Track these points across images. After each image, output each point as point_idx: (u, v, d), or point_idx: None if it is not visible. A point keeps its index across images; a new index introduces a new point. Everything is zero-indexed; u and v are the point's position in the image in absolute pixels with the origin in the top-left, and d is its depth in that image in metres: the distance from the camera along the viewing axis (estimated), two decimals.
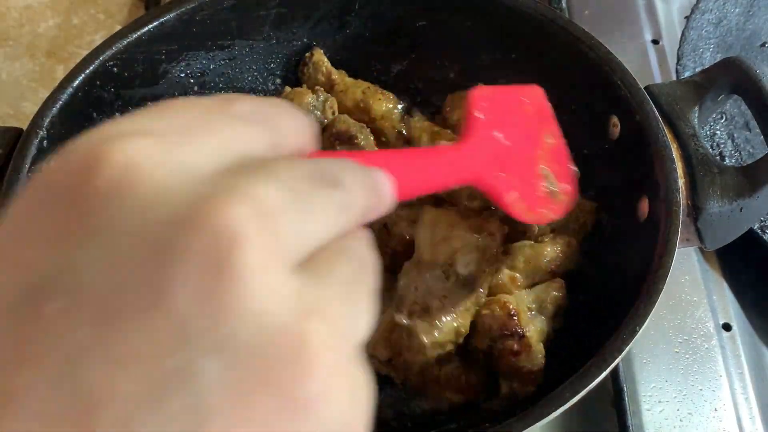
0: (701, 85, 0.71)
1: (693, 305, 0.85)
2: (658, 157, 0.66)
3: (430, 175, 0.44)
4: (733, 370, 0.81)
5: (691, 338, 0.83)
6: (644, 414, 0.77)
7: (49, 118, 0.70)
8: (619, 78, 0.71)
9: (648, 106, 0.68)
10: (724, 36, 1.02)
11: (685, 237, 0.66)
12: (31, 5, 1.17)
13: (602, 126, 0.74)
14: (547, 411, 0.55)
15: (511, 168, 0.56)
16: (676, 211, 0.63)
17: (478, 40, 0.83)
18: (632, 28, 1.08)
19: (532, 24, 0.77)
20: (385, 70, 0.88)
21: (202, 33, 0.80)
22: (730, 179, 0.66)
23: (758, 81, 0.66)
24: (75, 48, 1.13)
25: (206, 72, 0.84)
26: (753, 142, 0.94)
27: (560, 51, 0.76)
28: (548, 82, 0.81)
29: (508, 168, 0.55)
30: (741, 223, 0.69)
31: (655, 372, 0.80)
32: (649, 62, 1.04)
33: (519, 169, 0.57)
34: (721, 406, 0.78)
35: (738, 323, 0.85)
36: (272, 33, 0.84)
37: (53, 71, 1.11)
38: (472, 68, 0.85)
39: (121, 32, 0.76)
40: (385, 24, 0.85)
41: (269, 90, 0.87)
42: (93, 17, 1.17)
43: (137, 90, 0.79)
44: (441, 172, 0.46)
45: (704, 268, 0.88)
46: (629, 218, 0.69)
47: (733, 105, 0.96)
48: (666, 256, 0.61)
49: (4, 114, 1.06)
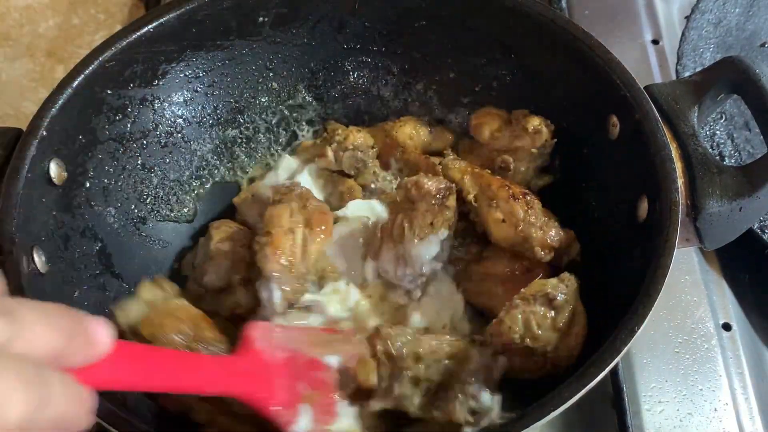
0: (701, 85, 0.71)
1: (693, 305, 0.85)
2: (657, 156, 0.66)
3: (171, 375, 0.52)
4: (733, 370, 0.81)
5: (691, 338, 0.83)
6: (644, 414, 0.77)
7: (49, 118, 0.70)
8: (618, 78, 0.71)
9: (647, 106, 0.68)
10: (724, 36, 1.02)
11: (684, 237, 0.66)
12: (31, 5, 1.17)
13: (602, 126, 0.74)
14: (547, 411, 0.55)
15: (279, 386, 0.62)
16: (675, 210, 0.63)
17: (478, 40, 0.83)
18: (632, 28, 1.08)
19: (532, 24, 0.77)
20: (386, 70, 0.88)
21: (202, 33, 0.80)
22: (730, 179, 0.66)
23: (758, 80, 0.66)
24: (75, 48, 1.13)
25: (206, 72, 0.84)
26: (753, 142, 0.94)
27: (560, 51, 0.76)
28: (548, 81, 0.81)
29: (273, 386, 0.61)
30: (740, 222, 0.68)
31: (655, 372, 0.80)
32: (649, 62, 1.04)
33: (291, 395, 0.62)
34: (721, 406, 0.78)
35: (738, 323, 0.85)
36: (272, 33, 0.84)
37: (53, 71, 1.11)
38: (472, 68, 0.85)
39: (121, 32, 0.76)
40: (385, 24, 0.86)
41: (270, 89, 0.88)
42: (93, 17, 1.17)
43: (137, 90, 0.79)
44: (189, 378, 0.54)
45: (704, 268, 0.88)
46: (629, 218, 0.69)
47: (733, 105, 0.96)
48: (665, 256, 0.61)
49: (4, 114, 1.06)
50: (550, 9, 0.79)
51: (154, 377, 0.50)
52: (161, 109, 0.82)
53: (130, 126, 0.79)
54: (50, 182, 0.70)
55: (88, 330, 0.38)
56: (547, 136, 0.78)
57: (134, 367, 0.47)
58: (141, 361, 0.49)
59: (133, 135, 0.80)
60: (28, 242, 0.66)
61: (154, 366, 0.50)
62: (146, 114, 0.81)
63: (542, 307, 0.65)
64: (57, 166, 0.71)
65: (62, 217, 0.72)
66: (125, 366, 0.45)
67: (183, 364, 0.55)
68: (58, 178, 0.71)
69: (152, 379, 0.50)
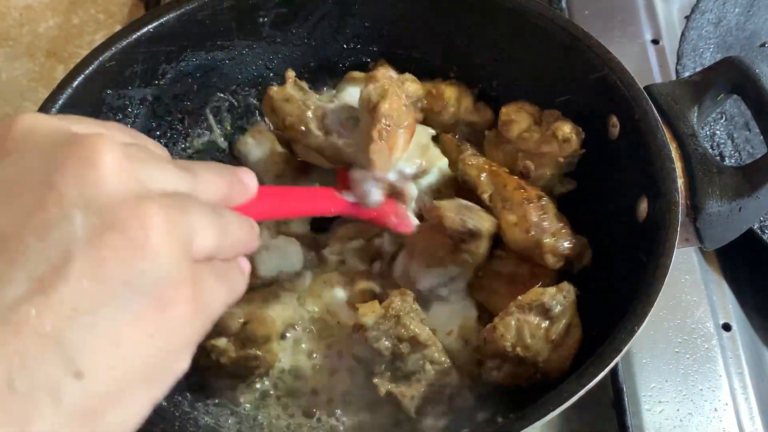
0: (700, 85, 0.71)
1: (693, 305, 0.85)
2: (657, 156, 0.66)
3: (302, 198, 0.70)
4: (733, 370, 0.81)
5: (691, 338, 0.82)
6: (644, 414, 0.77)
7: None
8: (618, 78, 0.71)
9: (647, 106, 0.68)
10: (724, 36, 1.02)
11: (684, 237, 0.66)
12: (31, 5, 1.17)
13: (602, 126, 0.74)
14: (546, 411, 0.55)
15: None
16: (675, 210, 0.63)
17: (478, 39, 0.83)
18: (632, 28, 1.08)
19: (532, 24, 0.77)
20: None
21: (202, 33, 0.81)
22: (729, 179, 0.66)
23: (758, 80, 0.66)
24: (75, 48, 1.13)
25: (206, 72, 0.84)
26: (753, 142, 0.94)
27: (560, 51, 0.76)
28: (548, 81, 0.81)
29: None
30: (740, 222, 0.68)
31: (655, 372, 0.80)
32: (649, 62, 1.04)
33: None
34: (721, 406, 0.78)
35: (738, 323, 0.85)
36: (272, 33, 0.84)
37: (53, 71, 1.11)
38: (472, 68, 0.85)
39: (121, 32, 0.76)
40: (385, 24, 0.86)
41: None
42: (93, 17, 1.17)
43: (137, 90, 0.79)
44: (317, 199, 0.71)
45: (704, 268, 0.88)
46: (628, 218, 0.69)
47: (733, 105, 0.96)
48: (665, 256, 0.61)
49: (4, 114, 1.06)
50: (550, 9, 0.79)
51: (288, 206, 0.65)
52: (161, 108, 0.82)
53: (130, 126, 0.79)
54: None
55: (242, 179, 0.48)
56: (576, 145, 0.74)
57: (274, 201, 0.62)
58: (278, 197, 0.64)
59: None
60: None
61: (287, 199, 0.65)
62: (146, 114, 0.81)
63: (537, 317, 0.65)
64: None
65: None
66: (268, 201, 0.59)
67: (307, 195, 0.71)
68: None
69: (286, 208, 0.65)
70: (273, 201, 0.62)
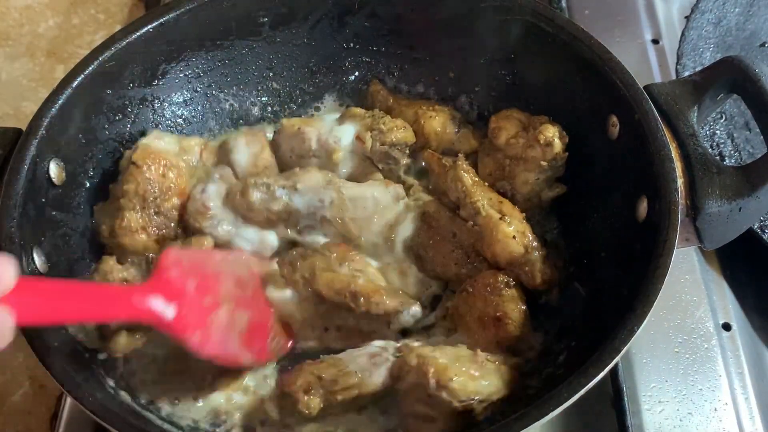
0: (700, 85, 0.71)
1: (693, 305, 0.85)
2: (657, 156, 0.66)
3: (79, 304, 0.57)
4: (733, 370, 0.81)
5: (691, 338, 0.82)
6: (644, 414, 0.77)
7: (49, 118, 0.70)
8: (618, 78, 0.71)
9: (647, 106, 0.68)
10: (723, 36, 1.02)
11: (684, 237, 0.66)
12: (31, 5, 1.17)
13: (602, 125, 0.74)
14: (546, 411, 0.55)
15: (195, 313, 0.65)
16: (675, 210, 0.63)
17: (477, 40, 0.83)
18: (632, 28, 1.08)
19: (532, 24, 0.77)
20: (386, 70, 0.88)
21: (202, 33, 0.81)
22: (729, 179, 0.66)
23: (757, 80, 0.66)
24: (75, 48, 1.13)
25: (206, 72, 0.84)
26: (753, 142, 0.94)
27: (560, 51, 0.76)
28: (548, 81, 0.81)
29: (192, 313, 0.64)
30: (740, 222, 0.68)
31: (655, 372, 0.80)
32: (649, 62, 1.04)
33: (202, 315, 0.66)
34: (721, 406, 0.78)
35: (738, 323, 0.85)
36: (272, 33, 0.84)
37: (53, 71, 1.11)
38: (471, 68, 0.85)
39: (121, 32, 0.76)
40: (385, 24, 0.86)
41: (270, 89, 0.88)
42: (93, 17, 1.17)
43: (137, 90, 0.79)
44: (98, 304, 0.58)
45: (704, 268, 0.88)
46: (628, 217, 0.69)
47: (733, 105, 0.96)
48: (665, 255, 0.61)
49: (4, 114, 1.06)
50: (549, 9, 0.79)
51: (64, 307, 0.55)
52: (161, 108, 0.82)
53: (130, 126, 0.80)
54: (50, 182, 0.70)
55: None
56: (559, 149, 0.75)
57: (43, 298, 0.52)
58: (50, 293, 0.54)
59: (133, 135, 0.80)
60: (28, 242, 0.66)
61: (62, 296, 0.55)
62: (146, 114, 0.81)
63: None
64: (57, 166, 0.71)
65: (62, 217, 0.72)
66: (35, 298, 0.51)
67: (91, 294, 0.60)
68: (58, 178, 0.71)
69: (62, 310, 0.55)
70: (42, 298, 0.53)
